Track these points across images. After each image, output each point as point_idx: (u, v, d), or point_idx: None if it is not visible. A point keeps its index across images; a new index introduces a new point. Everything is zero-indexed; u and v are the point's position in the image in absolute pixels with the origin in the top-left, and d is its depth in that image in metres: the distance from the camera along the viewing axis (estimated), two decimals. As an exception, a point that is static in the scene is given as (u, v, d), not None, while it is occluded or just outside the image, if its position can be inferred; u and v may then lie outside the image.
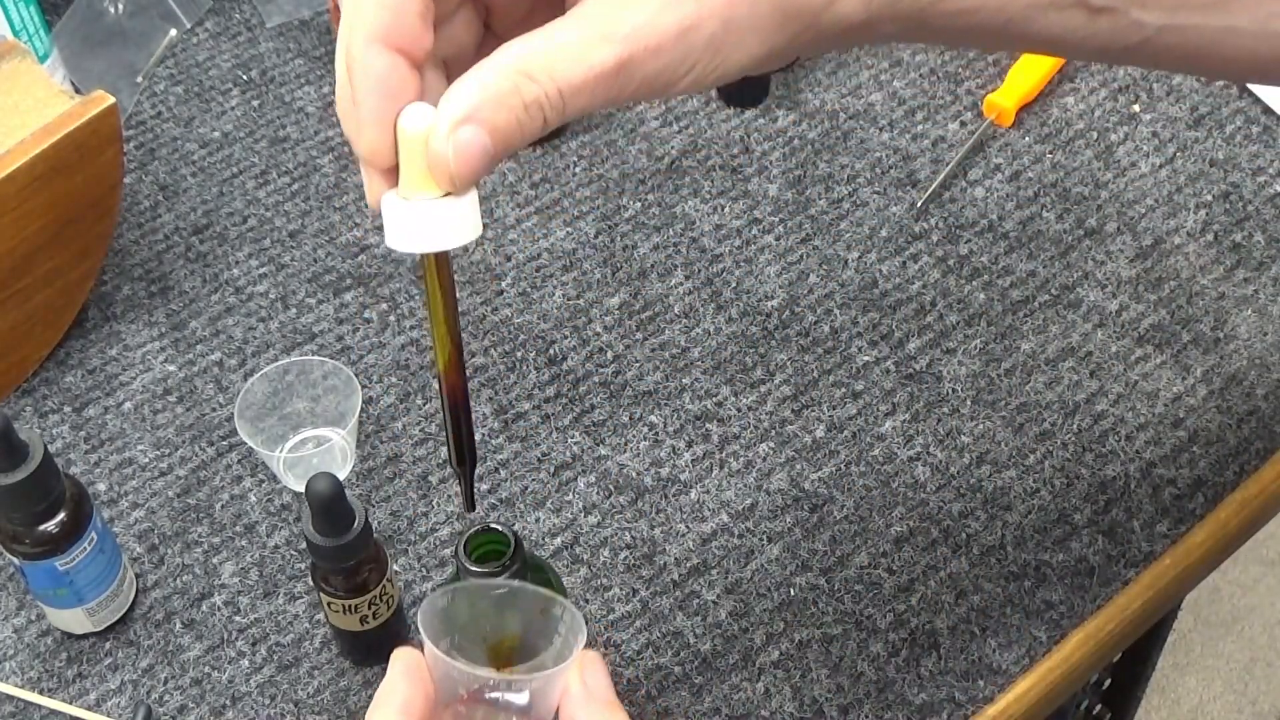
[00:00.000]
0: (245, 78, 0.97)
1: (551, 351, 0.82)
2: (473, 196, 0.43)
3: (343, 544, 0.62)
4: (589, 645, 0.47)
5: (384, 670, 0.69)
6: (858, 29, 0.45)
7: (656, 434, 0.78)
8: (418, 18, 0.41)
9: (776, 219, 0.88)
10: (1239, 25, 0.48)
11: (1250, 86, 0.95)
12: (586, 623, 0.52)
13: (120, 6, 0.97)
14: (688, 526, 0.74)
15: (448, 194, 0.42)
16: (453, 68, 0.45)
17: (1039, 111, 0.95)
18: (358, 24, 0.41)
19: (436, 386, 0.79)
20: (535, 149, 0.92)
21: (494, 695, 0.47)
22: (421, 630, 0.46)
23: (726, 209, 0.89)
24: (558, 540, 0.74)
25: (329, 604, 0.65)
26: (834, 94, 0.95)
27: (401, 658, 0.47)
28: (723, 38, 0.42)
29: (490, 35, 0.46)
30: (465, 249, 0.84)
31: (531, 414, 0.79)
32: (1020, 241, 0.87)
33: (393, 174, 0.43)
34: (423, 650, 0.47)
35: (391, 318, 0.83)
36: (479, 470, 0.76)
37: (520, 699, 0.47)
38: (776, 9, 0.43)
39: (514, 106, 0.40)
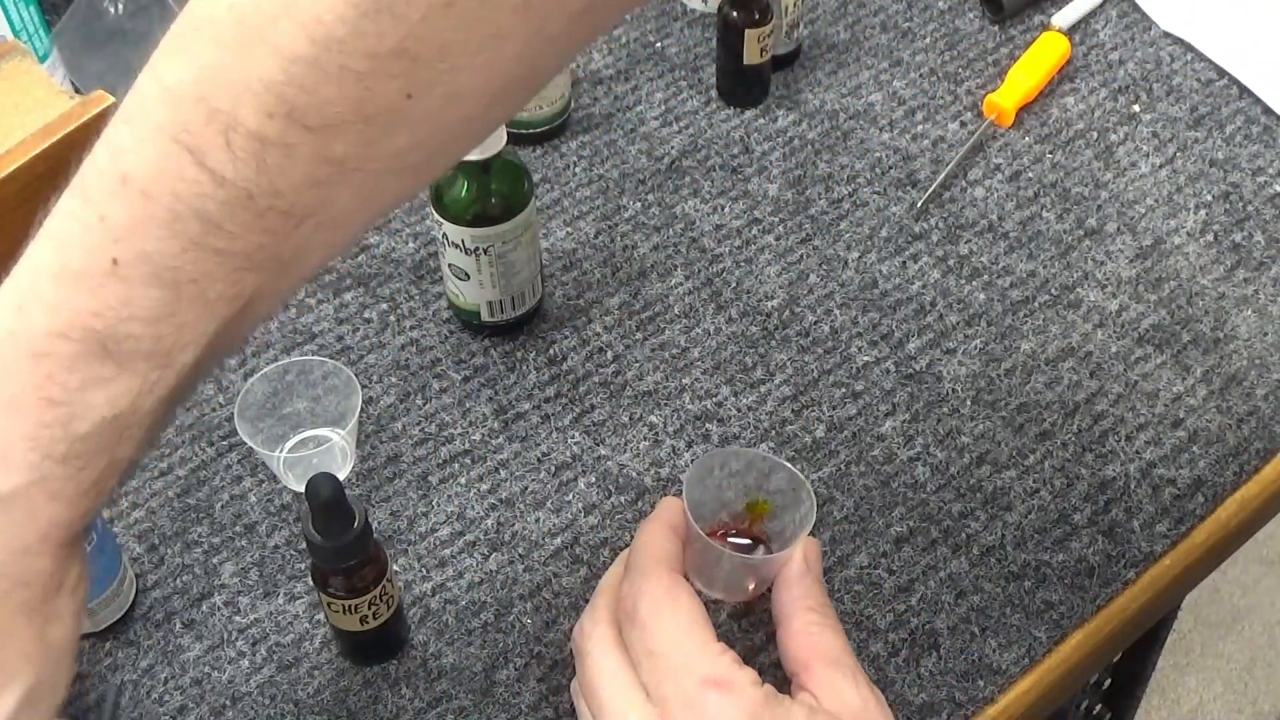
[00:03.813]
0: (245, 78, 0.97)
1: (551, 351, 0.82)
2: None
3: (343, 544, 0.62)
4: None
5: (384, 671, 0.69)
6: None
7: (656, 434, 0.78)
8: None
9: (776, 219, 0.88)
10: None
11: (1251, 87, 0.95)
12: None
13: (120, 6, 0.97)
14: (688, 526, 0.74)
15: None
16: None
17: (1039, 111, 0.95)
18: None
19: (435, 385, 0.78)
20: (535, 149, 0.92)
21: (736, 549, 0.67)
22: (685, 493, 0.63)
23: (726, 209, 0.89)
24: (558, 540, 0.74)
25: (329, 604, 0.65)
26: (834, 94, 0.95)
27: (667, 510, 0.64)
28: None
29: None
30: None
31: (531, 414, 0.79)
32: (1020, 241, 0.87)
33: None
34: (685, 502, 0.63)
35: (391, 318, 0.83)
36: (479, 470, 0.76)
37: (757, 560, 0.66)
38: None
39: None
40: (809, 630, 0.61)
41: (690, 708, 0.56)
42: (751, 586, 0.66)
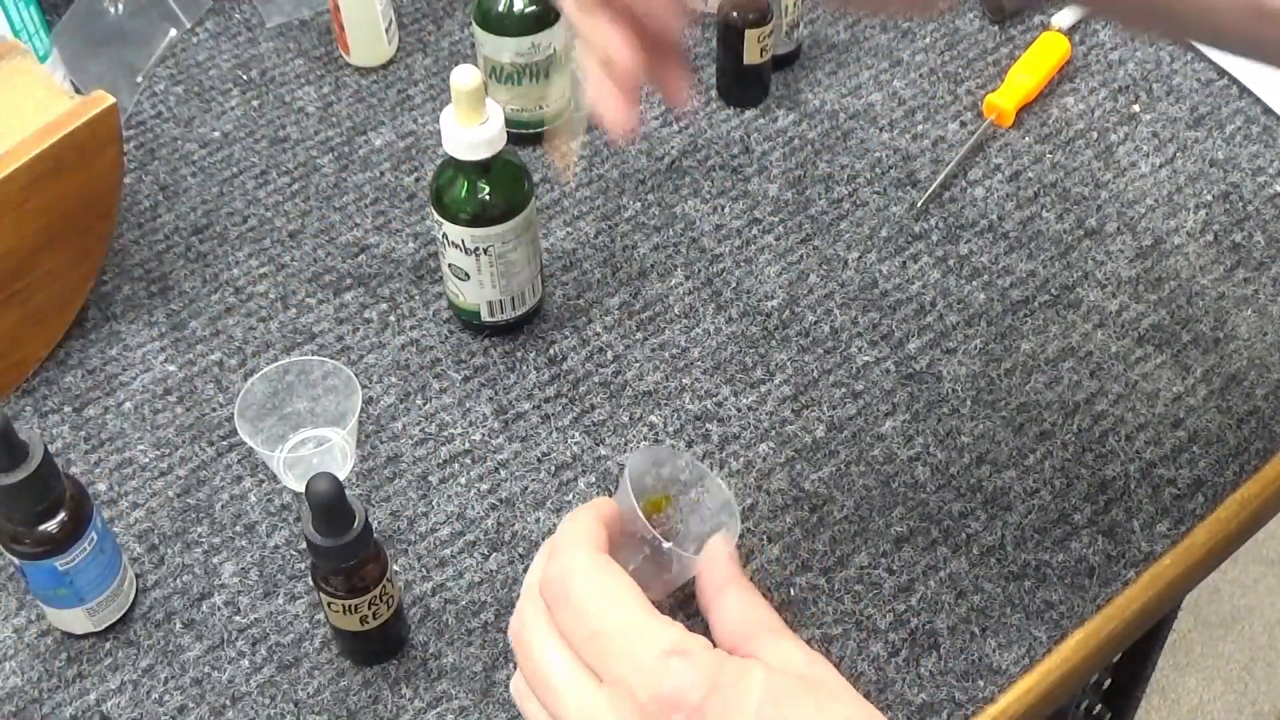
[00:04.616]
0: (245, 78, 0.97)
1: (551, 351, 0.82)
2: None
3: (343, 544, 0.62)
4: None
5: (384, 671, 0.69)
6: None
7: (656, 434, 0.78)
8: None
9: (776, 219, 0.88)
10: None
11: (1250, 86, 0.95)
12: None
13: (120, 6, 0.97)
14: (688, 526, 0.74)
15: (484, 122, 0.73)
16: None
17: (1039, 111, 0.95)
18: None
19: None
20: (535, 149, 0.92)
21: (664, 547, 0.62)
22: (628, 478, 0.61)
23: (726, 209, 0.89)
24: (558, 540, 0.74)
25: (329, 604, 0.65)
26: (834, 94, 0.95)
27: (598, 506, 0.60)
28: None
29: None
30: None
31: (531, 414, 0.79)
32: (1020, 241, 0.87)
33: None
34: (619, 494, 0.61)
35: (391, 318, 0.83)
36: (479, 470, 0.76)
37: (680, 556, 0.63)
38: None
39: None
40: (744, 605, 0.60)
41: (650, 680, 0.54)
42: (675, 584, 0.65)
